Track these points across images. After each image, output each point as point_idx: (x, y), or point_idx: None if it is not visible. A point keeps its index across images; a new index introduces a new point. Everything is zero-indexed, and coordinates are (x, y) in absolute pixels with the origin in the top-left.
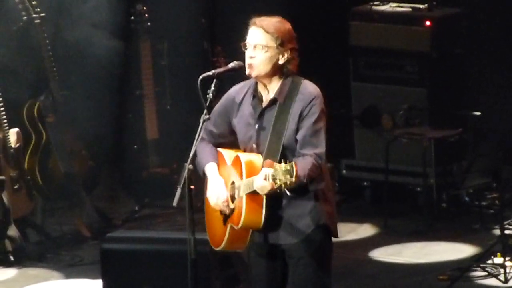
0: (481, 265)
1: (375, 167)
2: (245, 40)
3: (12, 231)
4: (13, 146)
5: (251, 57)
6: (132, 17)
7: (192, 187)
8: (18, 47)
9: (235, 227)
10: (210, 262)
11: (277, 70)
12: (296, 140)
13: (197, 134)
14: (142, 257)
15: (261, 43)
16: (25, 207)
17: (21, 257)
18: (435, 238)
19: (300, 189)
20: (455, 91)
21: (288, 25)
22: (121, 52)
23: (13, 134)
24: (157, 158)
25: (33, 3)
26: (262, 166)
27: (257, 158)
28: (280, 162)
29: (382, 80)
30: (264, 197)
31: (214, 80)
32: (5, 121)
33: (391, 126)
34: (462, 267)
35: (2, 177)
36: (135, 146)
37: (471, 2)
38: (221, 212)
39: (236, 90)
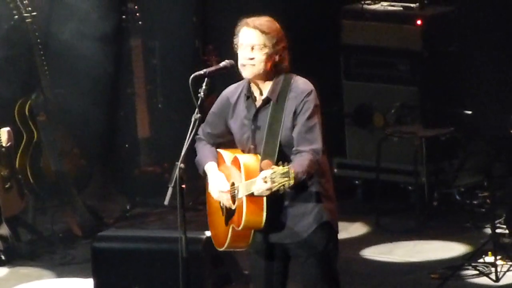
0: (473, 264)
1: (366, 165)
2: (236, 41)
3: (3, 230)
4: (4, 145)
5: (250, 58)
6: (124, 16)
7: (183, 186)
8: (9, 45)
9: (237, 228)
10: (202, 261)
11: (272, 69)
12: (292, 138)
13: (189, 133)
14: (134, 256)
15: (258, 43)
16: (16, 206)
17: (12, 256)
18: (427, 237)
19: (300, 186)
20: (447, 90)
21: (277, 24)
22: (113, 50)
23: (4, 133)
24: (149, 156)
25: (24, 2)
26: (260, 167)
27: (255, 159)
28: (278, 161)
29: (374, 79)
30: (265, 198)
31: (206, 79)
32: None
33: (382, 124)
34: (453, 266)
35: None
36: (127, 145)
37: (463, 0)
38: (222, 209)
39: (230, 91)
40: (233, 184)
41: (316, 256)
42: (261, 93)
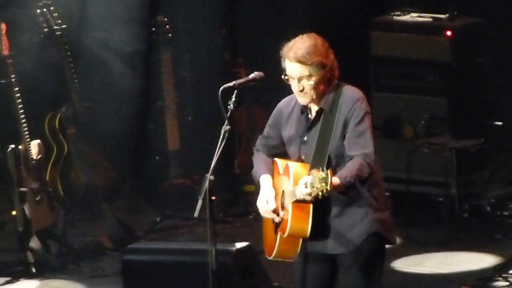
0: (503, 275)
1: (396, 177)
2: (283, 66)
3: (34, 242)
4: (34, 158)
5: (300, 90)
6: (153, 28)
7: (213, 198)
8: (40, 59)
9: (283, 235)
10: (232, 273)
11: (325, 87)
12: (343, 147)
13: (219, 144)
14: (164, 268)
15: (304, 74)
16: (46, 219)
17: (43, 268)
18: (457, 248)
19: (353, 193)
20: (476, 101)
21: (318, 41)
22: (142, 63)
23: (34, 146)
24: (179, 169)
25: (54, 15)
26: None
27: (304, 168)
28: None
29: (403, 90)
30: (311, 205)
31: (235, 91)
32: (27, 133)
33: (412, 136)
34: (484, 277)
35: (24, 189)
36: (157, 157)
37: (492, 12)
38: (273, 221)
39: (285, 103)
40: (283, 192)
41: (358, 267)
42: (314, 105)
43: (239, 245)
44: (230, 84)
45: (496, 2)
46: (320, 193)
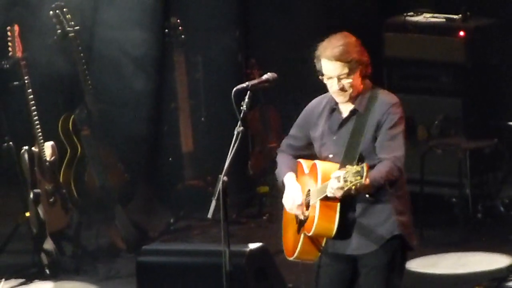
0: None
1: (410, 178)
2: (318, 67)
3: (48, 244)
4: (48, 159)
5: (340, 89)
6: (167, 30)
7: (227, 199)
8: (53, 60)
9: (308, 234)
10: (246, 274)
11: (360, 83)
12: (373, 149)
13: (232, 146)
14: (178, 269)
15: (342, 73)
16: (60, 220)
17: (57, 270)
18: (471, 249)
19: (379, 194)
20: (490, 102)
21: (352, 39)
22: (156, 65)
23: (48, 148)
24: (192, 170)
25: (68, 16)
26: None
27: (333, 166)
28: None
29: (417, 91)
30: (338, 204)
31: (248, 92)
32: (40, 134)
33: (426, 137)
34: (498, 278)
35: (38, 191)
36: (170, 159)
37: (506, 12)
38: (297, 217)
39: (315, 103)
40: (308, 191)
41: (379, 269)
42: (348, 105)
43: (253, 246)
44: (243, 85)
45: (510, 2)
46: (353, 187)
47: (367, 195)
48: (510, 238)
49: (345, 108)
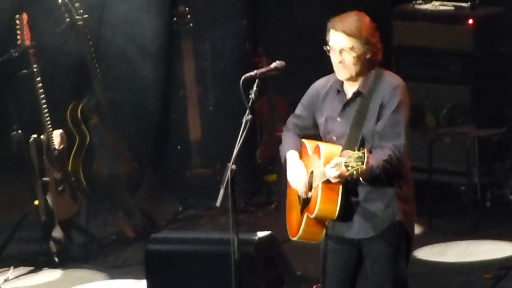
0: None
1: (418, 166)
2: (327, 39)
3: (57, 232)
4: (56, 147)
5: (340, 62)
6: (175, 18)
7: (235, 187)
8: (61, 49)
9: (310, 216)
10: (254, 263)
11: (365, 66)
12: (376, 131)
13: (240, 134)
14: (187, 258)
15: (347, 46)
16: (69, 209)
17: (65, 258)
18: (480, 237)
19: (375, 181)
20: (499, 90)
21: (366, 18)
22: (164, 53)
23: (56, 136)
24: (200, 158)
25: (76, 5)
26: (340, 156)
27: (336, 149)
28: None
29: (425, 79)
30: (341, 186)
31: (257, 80)
32: (49, 122)
33: (434, 125)
34: (506, 266)
35: (46, 179)
36: (178, 147)
37: None
38: (299, 198)
39: (320, 84)
40: (312, 172)
41: (385, 256)
42: (352, 87)
43: (261, 234)
44: (252, 73)
45: None
46: (354, 172)
47: (361, 179)
48: None
49: (350, 90)
